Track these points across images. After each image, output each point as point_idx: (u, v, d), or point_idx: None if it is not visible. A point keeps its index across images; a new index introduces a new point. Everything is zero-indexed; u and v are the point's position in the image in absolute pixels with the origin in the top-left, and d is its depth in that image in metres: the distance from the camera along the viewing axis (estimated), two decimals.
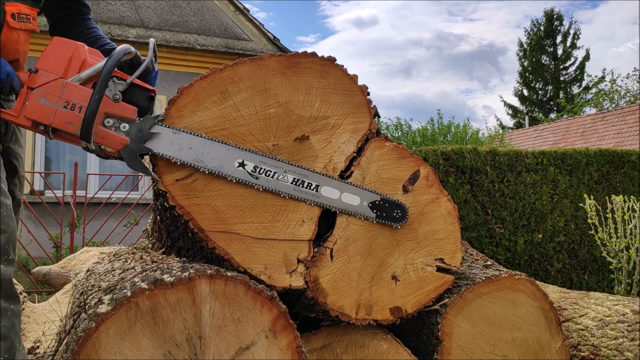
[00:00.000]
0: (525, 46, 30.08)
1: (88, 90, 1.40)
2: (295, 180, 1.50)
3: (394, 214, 1.61)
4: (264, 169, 1.47)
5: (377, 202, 1.59)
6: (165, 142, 1.43)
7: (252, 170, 1.46)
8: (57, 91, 1.40)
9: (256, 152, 1.48)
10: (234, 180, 1.45)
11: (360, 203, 1.57)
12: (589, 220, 4.01)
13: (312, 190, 1.51)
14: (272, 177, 1.48)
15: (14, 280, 1.48)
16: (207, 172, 1.43)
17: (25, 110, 1.39)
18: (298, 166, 1.51)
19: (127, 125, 1.42)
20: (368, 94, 1.67)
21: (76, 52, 1.44)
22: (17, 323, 1.34)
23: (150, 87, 1.51)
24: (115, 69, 1.43)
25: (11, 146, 1.62)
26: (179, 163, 1.43)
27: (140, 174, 7.17)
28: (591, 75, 27.30)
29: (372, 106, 1.67)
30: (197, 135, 1.45)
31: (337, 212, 1.56)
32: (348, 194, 1.56)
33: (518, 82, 30.40)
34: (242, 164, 1.46)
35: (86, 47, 1.48)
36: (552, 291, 2.52)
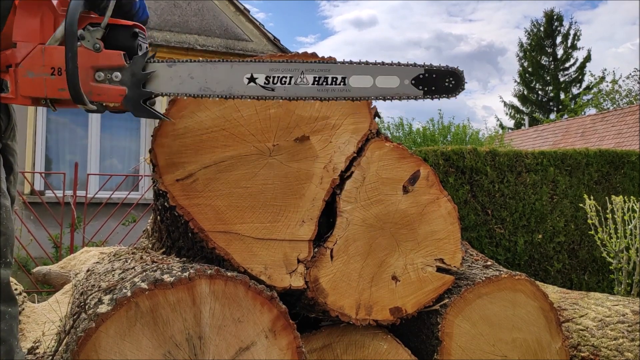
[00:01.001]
0: (526, 47, 30.09)
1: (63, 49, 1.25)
2: (317, 78, 1.31)
3: (446, 85, 1.33)
4: (278, 77, 1.30)
5: (420, 76, 1.32)
6: (163, 80, 1.31)
7: (265, 83, 1.30)
8: (39, 60, 1.28)
9: (263, 60, 1.34)
10: (249, 99, 1.31)
11: (401, 82, 1.33)
12: (589, 221, 4.01)
13: (339, 84, 1.32)
14: (290, 83, 1.30)
15: (14, 281, 1.46)
16: (217, 97, 1.31)
17: (19, 90, 1.31)
18: (315, 62, 1.32)
19: (119, 74, 1.29)
20: None
21: (45, 11, 1.30)
22: (14, 326, 1.31)
23: (131, 23, 1.34)
24: (92, 14, 1.29)
25: (8, 143, 1.57)
26: (185, 98, 1.35)
27: (137, 175, 7.18)
28: (594, 75, 27.29)
29: (372, 106, 1.67)
30: (194, 61, 1.31)
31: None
32: (383, 76, 1.33)
33: (518, 82, 30.41)
34: (252, 79, 1.30)
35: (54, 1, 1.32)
36: (552, 291, 2.52)
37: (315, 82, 1.32)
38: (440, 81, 1.33)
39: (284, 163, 1.53)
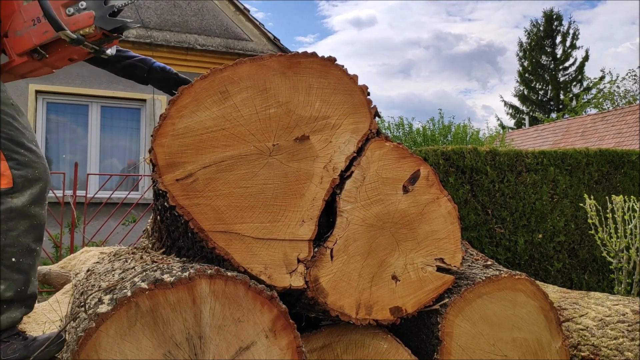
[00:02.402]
0: (525, 46, 30.09)
1: (37, 2, 1.52)
2: None
3: None
4: None
5: None
6: None
7: None
8: (20, 19, 1.55)
9: None
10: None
11: None
12: (589, 220, 4.01)
13: None
14: None
15: None
16: None
17: (14, 50, 1.55)
18: None
19: (83, 3, 1.54)
20: (368, 94, 1.67)
21: None
22: (36, 262, 1.56)
23: None
24: None
25: None
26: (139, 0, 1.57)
27: (136, 175, 7.18)
28: (589, 78, 27.30)
29: (372, 106, 1.67)
30: None
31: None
32: None
33: (518, 82, 30.42)
34: None
35: None
36: (552, 291, 2.52)
37: None
38: None
39: (284, 163, 1.53)
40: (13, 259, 1.48)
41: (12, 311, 1.49)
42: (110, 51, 1.74)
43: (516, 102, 30.53)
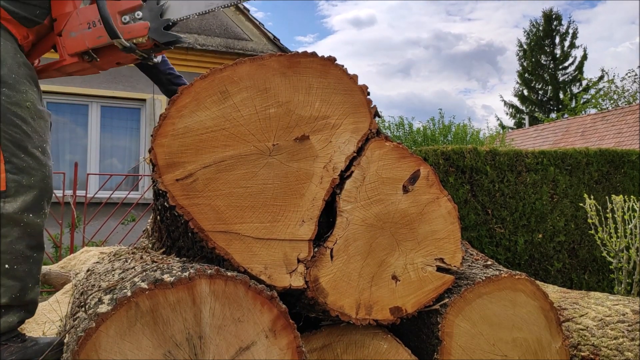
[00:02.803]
0: (525, 46, 30.09)
1: (95, 5, 1.59)
2: None
3: None
4: None
5: None
6: (175, 8, 1.63)
7: None
8: (76, 20, 1.61)
9: None
10: (237, 3, 1.66)
11: None
12: (589, 220, 4.01)
13: None
14: None
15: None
16: (221, 7, 1.67)
17: (66, 50, 1.63)
18: None
19: (140, 13, 1.61)
20: (368, 93, 1.67)
21: None
22: (35, 269, 1.55)
23: None
24: None
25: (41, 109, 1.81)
26: (197, 16, 1.65)
27: (137, 175, 7.17)
28: (587, 78, 27.28)
29: (372, 106, 1.67)
30: None
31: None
32: None
33: (518, 82, 30.42)
34: None
35: None
36: (552, 291, 2.52)
37: None
38: None
39: (284, 163, 1.53)
40: (7, 266, 1.46)
41: (9, 316, 1.49)
42: (157, 59, 1.79)
43: (516, 102, 30.54)
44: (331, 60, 1.61)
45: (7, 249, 1.47)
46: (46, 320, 2.66)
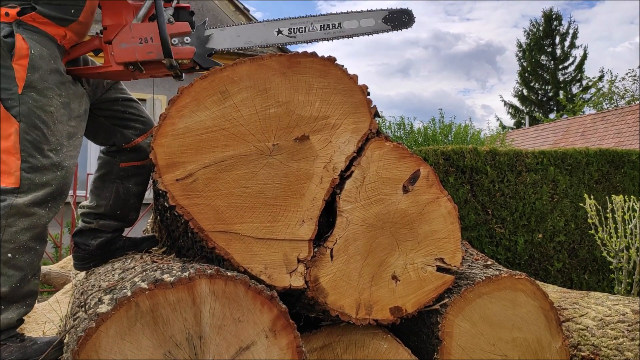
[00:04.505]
0: (525, 46, 30.07)
1: (150, 24, 1.77)
2: (322, 25, 1.85)
3: (403, 19, 1.91)
4: (297, 28, 1.83)
5: (387, 16, 1.90)
6: (219, 39, 1.80)
7: (288, 33, 1.83)
8: (129, 34, 1.76)
9: (284, 18, 1.85)
10: (280, 46, 1.80)
11: (376, 22, 1.89)
12: (589, 220, 4.01)
13: (337, 28, 1.85)
14: (305, 31, 1.83)
15: None
16: (258, 46, 1.85)
17: (115, 58, 1.76)
18: (319, 14, 1.87)
19: (188, 38, 1.79)
20: (368, 93, 1.67)
21: (124, 4, 1.82)
22: (36, 261, 1.61)
23: (187, 5, 1.89)
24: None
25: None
26: (237, 50, 1.86)
27: None
28: (588, 78, 27.25)
29: (372, 106, 1.67)
30: (238, 24, 1.85)
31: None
32: (364, 19, 1.88)
33: (518, 82, 30.40)
34: (279, 31, 1.83)
35: None
36: (552, 291, 2.52)
37: (321, 28, 1.85)
38: (399, 18, 1.91)
39: (284, 163, 1.53)
40: (9, 255, 1.51)
41: (8, 312, 1.50)
42: (183, 77, 1.96)
43: (516, 102, 30.51)
44: (331, 60, 1.62)
45: (12, 238, 1.52)
46: (46, 320, 2.66)
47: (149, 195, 1.95)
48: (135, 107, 2.06)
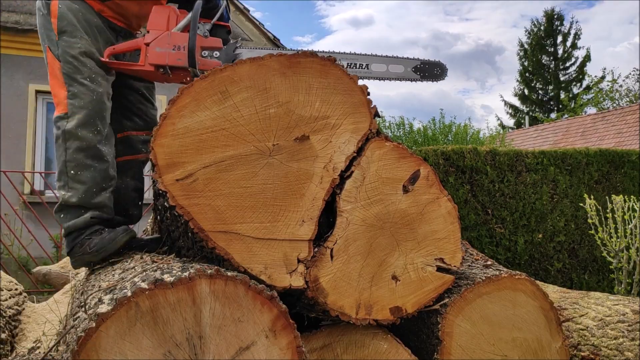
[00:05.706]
0: (526, 46, 30.08)
1: (185, 34, 1.94)
2: (349, 64, 1.91)
3: (435, 72, 1.92)
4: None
5: (418, 66, 1.92)
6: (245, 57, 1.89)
7: None
8: (166, 40, 1.95)
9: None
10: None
11: (405, 69, 1.92)
12: (589, 220, 4.01)
13: (364, 69, 1.90)
14: None
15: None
16: None
17: (148, 59, 1.96)
18: (349, 53, 1.94)
19: (217, 53, 1.95)
20: (368, 93, 1.67)
21: (171, 12, 2.01)
22: (98, 177, 1.92)
23: (227, 24, 2.06)
24: (200, 17, 1.97)
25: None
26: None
27: None
28: (590, 76, 27.24)
29: (372, 106, 1.67)
30: (262, 48, 1.96)
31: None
32: (393, 65, 1.90)
33: (518, 81, 30.40)
34: None
35: (177, 8, 2.06)
36: (552, 291, 2.52)
37: (348, 67, 1.91)
38: (431, 69, 1.93)
39: (284, 163, 1.53)
40: (72, 172, 1.88)
41: (82, 214, 1.87)
42: None
43: (516, 101, 30.52)
44: (331, 60, 1.62)
45: (70, 157, 1.89)
46: (46, 320, 2.66)
47: (149, 195, 1.98)
48: (147, 107, 2.25)
